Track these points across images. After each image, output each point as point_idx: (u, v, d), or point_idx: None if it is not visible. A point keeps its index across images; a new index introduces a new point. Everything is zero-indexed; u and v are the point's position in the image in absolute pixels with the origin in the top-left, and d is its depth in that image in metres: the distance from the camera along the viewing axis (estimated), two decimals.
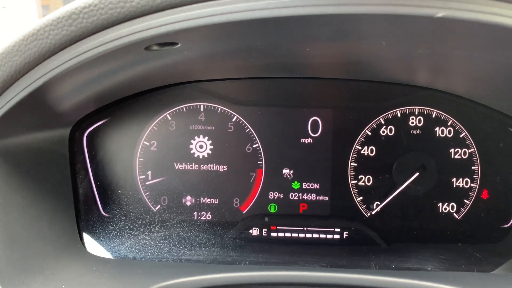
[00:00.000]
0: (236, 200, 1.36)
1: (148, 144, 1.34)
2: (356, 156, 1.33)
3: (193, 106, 1.34)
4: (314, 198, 1.35)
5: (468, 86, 1.25)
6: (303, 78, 1.32)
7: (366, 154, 1.33)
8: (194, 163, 1.35)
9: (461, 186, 1.32)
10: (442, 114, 1.30)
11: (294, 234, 1.34)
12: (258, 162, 1.35)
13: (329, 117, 1.32)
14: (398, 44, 0.97)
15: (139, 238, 1.29)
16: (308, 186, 1.35)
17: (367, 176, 1.33)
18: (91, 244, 1.24)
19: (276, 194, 1.35)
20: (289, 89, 1.33)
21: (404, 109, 1.31)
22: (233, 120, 1.34)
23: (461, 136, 1.31)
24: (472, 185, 1.32)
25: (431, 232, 1.33)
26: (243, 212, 1.36)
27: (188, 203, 1.35)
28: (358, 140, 1.32)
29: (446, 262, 1.20)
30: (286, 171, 1.35)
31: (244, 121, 1.34)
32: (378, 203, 1.33)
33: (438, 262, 1.20)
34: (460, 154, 1.31)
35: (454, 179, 1.32)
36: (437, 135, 1.31)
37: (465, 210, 1.32)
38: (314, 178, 1.34)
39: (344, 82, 1.31)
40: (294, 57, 1.14)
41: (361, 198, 1.34)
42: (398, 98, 1.31)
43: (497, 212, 1.32)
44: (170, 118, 1.34)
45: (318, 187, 1.34)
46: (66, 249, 1.14)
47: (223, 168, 1.35)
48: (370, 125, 1.32)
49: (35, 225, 1.07)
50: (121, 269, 1.12)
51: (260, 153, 1.34)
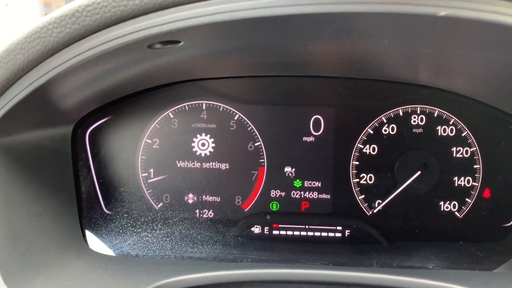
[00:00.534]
0: (238, 198, 1.36)
1: (150, 142, 1.34)
2: (358, 154, 1.33)
3: (195, 104, 1.34)
4: (316, 196, 1.35)
5: (470, 85, 1.25)
6: (305, 76, 1.32)
7: (368, 153, 1.33)
8: (196, 161, 1.35)
9: (462, 185, 1.32)
10: (444, 113, 1.30)
11: (296, 232, 1.35)
12: (260, 160, 1.35)
13: (331, 115, 1.33)
14: (401, 43, 0.97)
15: (142, 236, 1.29)
16: (310, 184, 1.35)
17: (369, 174, 1.34)
18: (94, 241, 1.25)
19: (278, 192, 1.36)
20: (291, 87, 1.33)
21: (406, 107, 1.31)
22: (235, 118, 1.34)
23: (463, 135, 1.31)
24: (473, 183, 1.32)
25: (433, 230, 1.33)
26: (245, 210, 1.36)
27: (190, 201, 1.36)
28: (360, 138, 1.33)
29: (447, 260, 1.20)
30: (288, 169, 1.35)
31: (246, 119, 1.34)
32: (380, 202, 1.33)
33: (440, 260, 1.20)
34: (462, 153, 1.31)
35: (455, 178, 1.32)
36: (439, 134, 1.31)
37: (466, 208, 1.32)
38: (316, 177, 1.35)
39: (346, 81, 1.31)
40: (296, 55, 1.14)
41: (363, 196, 1.34)
42: (400, 96, 1.31)
43: (498, 210, 1.32)
44: (172, 116, 1.34)
45: (320, 186, 1.35)
46: (68, 246, 1.14)
47: (225, 166, 1.35)
48: (372, 123, 1.32)
49: (38, 222, 1.08)
50: (123, 266, 1.13)
51: (262, 151, 1.34)
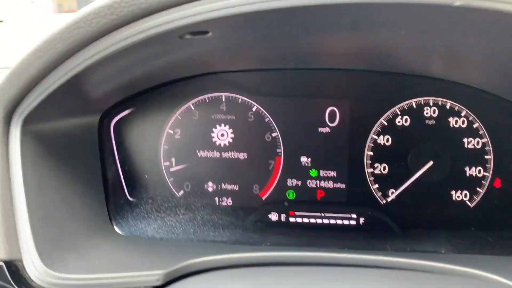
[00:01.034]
0: (255, 186, 1.41)
1: (172, 132, 1.40)
2: (372, 145, 1.37)
3: (215, 96, 1.39)
4: (331, 185, 1.39)
5: (482, 77, 1.29)
6: (321, 69, 1.37)
7: (382, 143, 1.37)
8: (215, 151, 1.40)
9: (474, 175, 1.36)
10: (456, 105, 1.34)
11: (312, 220, 1.39)
12: (277, 150, 1.40)
13: (346, 107, 1.37)
14: (415, 34, 1.01)
15: (166, 220, 1.35)
16: (325, 173, 1.39)
17: (383, 164, 1.38)
18: (120, 225, 1.30)
19: (294, 181, 1.40)
20: (307, 80, 1.38)
21: (419, 99, 1.35)
22: (253, 109, 1.39)
23: (474, 126, 1.34)
24: (485, 174, 1.36)
25: (445, 219, 1.37)
26: (263, 198, 1.41)
27: (210, 189, 1.41)
28: (375, 129, 1.37)
29: (459, 245, 1.24)
30: (304, 159, 1.40)
31: (263, 110, 1.39)
32: (394, 191, 1.38)
33: (452, 246, 1.24)
34: (473, 143, 1.35)
35: (467, 168, 1.36)
36: (451, 125, 1.35)
37: (478, 198, 1.36)
38: (331, 166, 1.39)
39: (361, 73, 1.36)
40: (313, 48, 1.19)
41: (377, 185, 1.38)
42: (414, 89, 1.35)
43: (509, 200, 1.35)
44: (193, 108, 1.39)
45: (335, 175, 1.39)
46: (97, 229, 1.20)
47: (243, 155, 1.40)
48: (386, 115, 1.36)
49: (69, 206, 1.14)
50: (149, 248, 1.18)
51: (279, 141, 1.39)
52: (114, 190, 1.34)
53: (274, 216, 1.40)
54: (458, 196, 1.37)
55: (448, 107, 1.35)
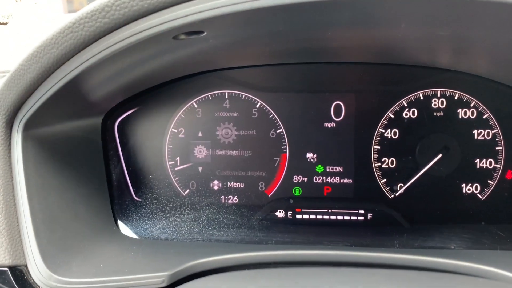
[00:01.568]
0: (261, 184, 1.40)
1: (176, 131, 1.39)
2: (379, 139, 1.35)
3: (218, 93, 1.38)
4: (338, 181, 1.38)
5: (491, 67, 1.25)
6: (325, 63, 1.34)
7: (389, 137, 1.35)
8: (220, 149, 1.39)
9: (484, 167, 1.33)
10: (465, 95, 1.31)
11: (319, 216, 1.38)
12: (282, 147, 1.38)
13: (351, 101, 1.35)
14: (421, 26, 0.98)
15: (170, 220, 1.35)
16: (331, 169, 1.38)
17: (391, 158, 1.35)
18: (125, 226, 1.31)
19: (300, 177, 1.39)
20: (311, 74, 1.35)
21: (426, 91, 1.32)
22: (257, 106, 1.37)
23: (484, 117, 1.31)
24: (496, 165, 1.32)
25: (455, 212, 1.34)
26: (269, 195, 1.40)
27: (215, 187, 1.40)
28: (381, 123, 1.34)
29: (469, 241, 1.22)
30: (309, 155, 1.38)
31: (267, 107, 1.37)
32: (402, 185, 1.35)
33: (461, 241, 1.22)
34: (483, 135, 1.32)
35: (477, 160, 1.33)
36: (460, 117, 1.32)
37: (489, 190, 1.33)
38: (337, 162, 1.37)
39: (366, 66, 1.33)
40: (316, 42, 1.16)
41: (384, 180, 1.36)
42: (421, 80, 1.32)
43: None
44: (196, 106, 1.38)
45: (341, 170, 1.37)
46: (102, 230, 1.20)
47: (248, 153, 1.39)
48: (393, 108, 1.34)
49: (73, 208, 1.14)
50: (154, 249, 1.18)
51: (284, 138, 1.38)
52: (119, 191, 1.35)
53: (280, 213, 1.39)
54: (469, 189, 1.34)
55: (456, 98, 1.32)
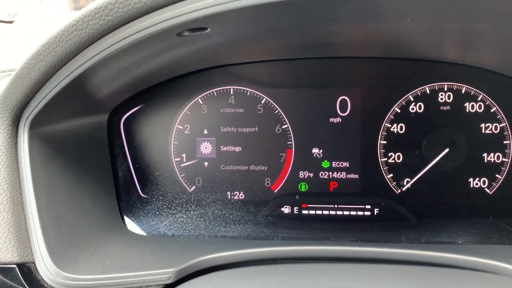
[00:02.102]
0: (267, 180, 1.39)
1: (181, 127, 1.39)
2: (385, 133, 1.34)
3: (223, 90, 1.38)
4: (344, 176, 1.37)
5: (498, 60, 1.24)
6: (331, 58, 1.33)
7: (395, 132, 1.34)
8: (226, 145, 1.39)
9: (492, 161, 1.32)
10: (472, 89, 1.30)
11: (325, 212, 1.37)
12: (288, 143, 1.38)
13: (357, 96, 1.34)
14: (427, 19, 0.97)
15: (177, 217, 1.35)
16: (338, 164, 1.37)
17: (397, 153, 1.35)
18: (132, 223, 1.31)
19: (306, 173, 1.39)
20: (316, 69, 1.35)
21: (433, 85, 1.31)
22: (262, 102, 1.37)
23: (491, 110, 1.30)
24: (504, 159, 1.31)
25: (462, 207, 1.33)
26: (275, 191, 1.39)
27: (221, 184, 1.40)
28: (387, 117, 1.33)
29: (477, 235, 1.21)
30: (315, 151, 1.38)
31: (273, 102, 1.37)
32: (409, 180, 1.35)
33: (469, 236, 1.21)
34: (491, 129, 1.31)
35: (485, 154, 1.32)
36: (467, 111, 1.31)
37: (497, 185, 1.32)
38: (343, 157, 1.37)
39: (372, 60, 1.32)
40: (320, 37, 1.16)
41: (391, 175, 1.35)
42: (427, 74, 1.31)
43: None
44: (201, 102, 1.38)
45: (348, 166, 1.37)
46: (109, 227, 1.21)
47: (254, 149, 1.39)
48: (399, 102, 1.33)
49: (79, 205, 1.15)
50: (160, 245, 1.19)
51: (289, 133, 1.37)
52: (125, 188, 1.35)
53: (286, 209, 1.38)
54: (476, 183, 1.33)
55: (463, 92, 1.30)
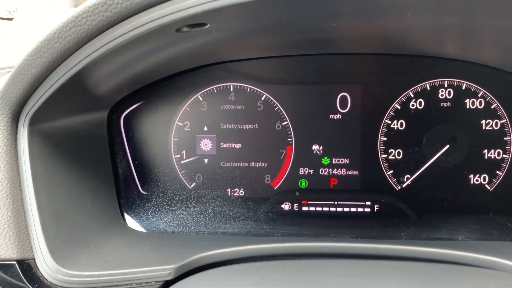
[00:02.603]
0: (267, 176, 1.39)
1: (181, 124, 1.39)
2: (385, 130, 1.34)
3: (223, 86, 1.37)
4: (344, 173, 1.37)
5: (498, 56, 1.23)
6: (331, 54, 1.33)
7: (396, 128, 1.34)
8: (226, 142, 1.39)
9: (493, 158, 1.31)
10: (473, 85, 1.29)
11: (325, 208, 1.37)
12: (288, 139, 1.38)
13: (357, 92, 1.34)
14: (427, 15, 0.97)
15: (177, 213, 1.35)
16: (338, 161, 1.37)
17: (397, 149, 1.34)
18: (132, 219, 1.31)
19: (306, 170, 1.38)
20: (316, 66, 1.34)
21: (433, 81, 1.31)
22: (262, 98, 1.37)
23: (492, 107, 1.29)
24: (504, 156, 1.31)
25: (462, 203, 1.33)
26: (275, 188, 1.39)
27: (221, 180, 1.40)
28: (388, 114, 1.33)
29: (477, 232, 1.21)
30: (315, 147, 1.37)
31: (273, 99, 1.36)
32: (409, 176, 1.34)
33: (469, 232, 1.21)
34: (491, 125, 1.30)
35: (485, 151, 1.31)
36: (467, 107, 1.30)
37: (497, 181, 1.32)
38: (344, 153, 1.37)
39: (372, 57, 1.32)
40: (321, 33, 1.15)
41: (391, 171, 1.35)
42: (427, 71, 1.31)
43: None
44: (201, 99, 1.38)
45: (348, 162, 1.37)
46: (108, 224, 1.21)
47: (254, 146, 1.38)
48: (399, 99, 1.32)
49: (79, 202, 1.15)
50: (160, 242, 1.19)
51: (289, 130, 1.37)
52: (125, 184, 1.35)
53: (286, 205, 1.38)
54: (477, 180, 1.33)
55: (464, 88, 1.30)
